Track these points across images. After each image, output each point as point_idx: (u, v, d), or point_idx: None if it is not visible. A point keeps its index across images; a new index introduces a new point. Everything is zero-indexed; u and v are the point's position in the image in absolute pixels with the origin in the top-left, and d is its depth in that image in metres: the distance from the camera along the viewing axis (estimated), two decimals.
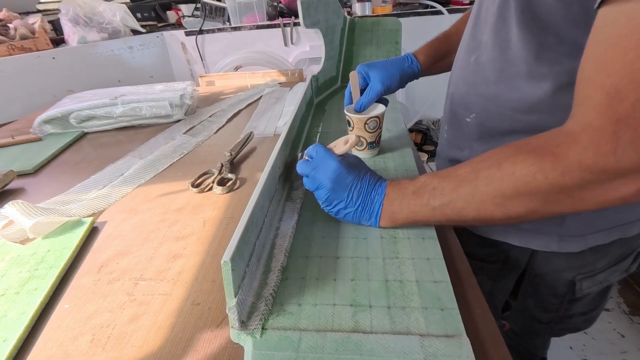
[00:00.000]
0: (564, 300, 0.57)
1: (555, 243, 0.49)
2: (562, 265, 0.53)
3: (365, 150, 0.58)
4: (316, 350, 0.29)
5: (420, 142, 1.75)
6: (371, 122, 0.55)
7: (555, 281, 0.55)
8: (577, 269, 0.53)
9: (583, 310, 0.59)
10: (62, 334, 0.33)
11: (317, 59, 1.65)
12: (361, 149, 0.58)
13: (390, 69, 0.61)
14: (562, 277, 0.54)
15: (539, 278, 0.57)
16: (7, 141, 0.79)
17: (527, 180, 0.32)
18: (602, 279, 0.54)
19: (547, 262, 0.54)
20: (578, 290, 0.54)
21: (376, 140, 0.57)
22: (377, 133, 0.57)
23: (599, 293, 0.57)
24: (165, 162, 0.65)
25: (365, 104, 0.58)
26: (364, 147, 0.58)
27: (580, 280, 0.53)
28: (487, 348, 0.30)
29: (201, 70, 1.77)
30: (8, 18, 1.35)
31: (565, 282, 0.54)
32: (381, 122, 0.56)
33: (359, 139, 0.48)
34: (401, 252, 0.38)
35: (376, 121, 0.55)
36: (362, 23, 0.92)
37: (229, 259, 0.29)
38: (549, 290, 0.57)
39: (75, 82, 1.38)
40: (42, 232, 0.46)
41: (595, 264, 0.52)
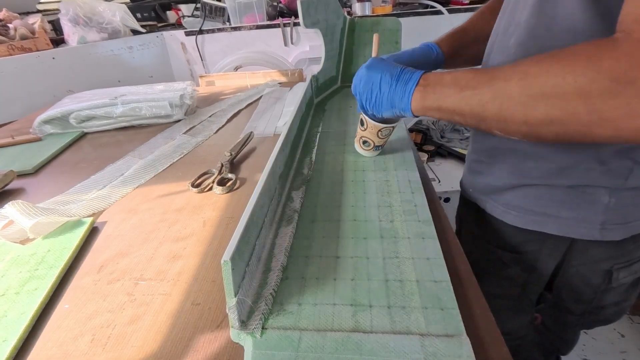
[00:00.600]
0: (598, 291, 0.56)
1: (597, 231, 0.47)
2: (600, 255, 0.51)
3: (371, 150, 0.58)
4: (316, 349, 0.29)
5: (420, 142, 1.75)
6: (385, 130, 0.54)
7: (591, 271, 0.54)
8: (615, 258, 0.51)
9: (616, 300, 0.58)
10: (62, 334, 0.33)
11: (317, 59, 1.65)
12: (368, 148, 0.58)
13: (416, 59, 0.60)
14: (599, 267, 0.53)
15: (575, 269, 0.55)
16: (7, 141, 0.79)
17: (556, 81, 0.31)
18: (637, 269, 0.53)
19: (585, 253, 0.52)
20: (614, 280, 0.53)
21: (382, 144, 0.58)
22: (386, 139, 0.57)
23: (632, 283, 0.56)
24: (165, 162, 0.65)
25: None
26: (371, 147, 0.58)
27: (618, 269, 0.52)
28: (487, 348, 0.30)
29: (201, 70, 1.77)
30: (8, 18, 1.35)
31: (601, 272, 0.53)
32: (393, 130, 0.56)
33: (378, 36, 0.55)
34: (401, 251, 0.38)
35: (390, 130, 0.55)
36: (362, 23, 0.92)
37: (229, 259, 0.29)
38: (584, 281, 0.56)
39: (75, 82, 1.37)
40: (42, 232, 0.46)
41: (633, 252, 0.51)
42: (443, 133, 1.79)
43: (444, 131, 1.79)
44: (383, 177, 0.52)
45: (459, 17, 1.52)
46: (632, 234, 0.48)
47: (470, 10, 1.51)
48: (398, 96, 0.43)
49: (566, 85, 0.30)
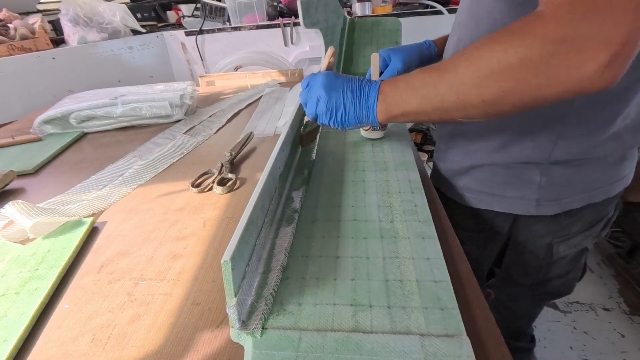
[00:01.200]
0: (542, 264, 0.64)
1: (534, 207, 0.55)
2: (541, 230, 0.59)
3: (370, 130, 0.62)
4: (316, 349, 0.29)
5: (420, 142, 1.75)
6: None
7: (534, 246, 0.62)
8: (553, 233, 0.59)
9: (560, 272, 0.66)
10: (63, 334, 0.34)
11: (317, 59, 1.65)
12: (367, 129, 0.62)
13: (410, 51, 0.66)
14: (541, 242, 0.61)
15: (521, 245, 0.63)
16: (7, 141, 0.79)
17: (500, 56, 0.34)
18: (576, 243, 0.60)
19: (527, 228, 0.60)
20: (555, 252, 0.61)
21: None
22: None
23: (574, 256, 0.63)
24: (165, 162, 0.65)
25: None
26: (369, 127, 0.62)
27: (557, 243, 0.60)
28: (487, 348, 0.30)
29: (201, 70, 1.77)
30: (8, 18, 1.35)
31: (543, 245, 0.61)
32: None
33: (333, 49, 0.54)
34: (401, 251, 0.38)
35: None
36: (362, 23, 0.92)
37: (229, 259, 0.29)
38: (530, 255, 0.63)
39: (75, 82, 1.37)
40: (42, 232, 0.46)
41: (569, 227, 0.58)
42: None
43: None
44: (383, 177, 0.52)
45: None
46: (564, 209, 0.54)
47: None
48: (364, 113, 0.45)
49: (509, 57, 0.33)
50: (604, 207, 0.57)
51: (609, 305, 1.25)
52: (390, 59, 0.66)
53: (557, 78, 0.32)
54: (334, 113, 0.46)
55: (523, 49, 0.32)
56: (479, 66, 0.35)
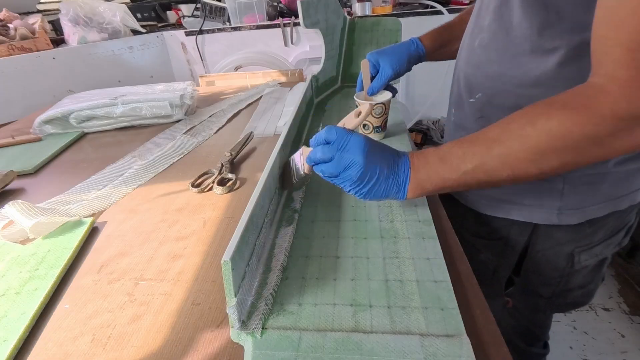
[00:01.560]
0: (563, 274, 0.60)
1: (555, 216, 0.52)
2: (562, 239, 0.56)
3: (372, 133, 0.63)
4: (316, 349, 0.29)
5: (420, 142, 1.75)
6: (377, 108, 0.60)
7: (555, 255, 0.58)
8: (575, 241, 0.55)
9: (581, 283, 0.62)
10: (63, 334, 0.34)
11: (317, 59, 1.65)
12: (367, 132, 0.63)
13: (399, 54, 0.65)
14: (562, 251, 0.57)
15: (541, 253, 0.59)
16: (8, 141, 0.79)
17: (563, 134, 0.33)
18: (598, 252, 0.57)
19: (548, 237, 0.56)
20: (577, 262, 0.57)
21: (382, 124, 0.62)
22: (382, 118, 0.62)
23: (595, 266, 0.60)
24: (166, 162, 0.65)
25: (377, 88, 0.64)
26: (370, 130, 0.62)
27: (579, 252, 0.56)
28: (488, 348, 0.30)
29: (201, 70, 1.77)
30: (8, 18, 1.35)
31: (564, 255, 0.57)
32: (387, 109, 0.61)
33: (371, 107, 0.44)
34: (401, 251, 0.38)
35: (382, 107, 0.60)
36: (362, 23, 0.92)
37: (229, 259, 0.29)
38: (550, 264, 0.59)
39: (75, 82, 1.38)
40: (42, 232, 0.46)
41: (592, 236, 0.55)
42: (443, 133, 1.79)
43: (444, 131, 1.79)
44: None
45: None
46: (587, 218, 0.52)
47: None
48: (394, 190, 0.40)
49: (575, 135, 0.32)
50: (627, 214, 0.54)
51: (609, 305, 1.25)
52: (379, 64, 0.64)
53: (623, 147, 0.33)
54: (364, 184, 0.39)
55: (590, 127, 0.32)
56: (538, 144, 0.34)
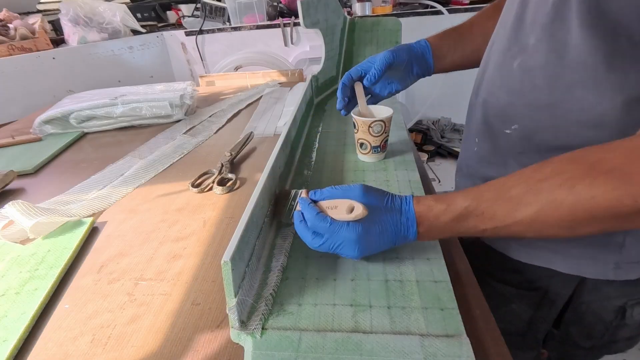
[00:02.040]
0: (610, 327, 0.51)
1: (611, 271, 0.43)
2: (612, 293, 0.47)
3: (370, 154, 0.56)
4: (316, 350, 0.29)
5: (420, 142, 1.75)
6: (375, 126, 0.52)
7: (603, 308, 0.49)
8: (628, 295, 0.47)
9: (629, 335, 0.53)
10: (63, 334, 0.34)
11: (317, 59, 1.65)
12: (365, 152, 0.56)
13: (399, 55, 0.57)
14: (611, 304, 0.48)
15: (585, 305, 0.50)
16: (8, 141, 0.79)
17: (610, 205, 0.28)
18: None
19: (596, 290, 0.47)
20: (628, 317, 0.49)
21: (381, 144, 0.55)
22: (381, 137, 0.54)
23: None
24: (166, 162, 0.65)
25: (377, 74, 0.54)
26: (368, 150, 0.55)
27: (632, 306, 0.48)
28: (487, 348, 0.30)
29: (201, 70, 1.77)
30: (8, 18, 1.35)
31: (614, 308, 0.49)
32: (387, 127, 0.54)
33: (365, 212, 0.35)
34: (401, 252, 0.38)
35: (381, 125, 0.53)
36: (362, 23, 0.92)
37: (229, 259, 0.29)
38: (595, 317, 0.51)
39: (75, 82, 1.38)
40: (42, 232, 0.46)
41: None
42: (443, 133, 1.79)
43: (444, 131, 1.79)
44: (383, 177, 0.52)
45: (459, 17, 1.52)
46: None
47: (471, 10, 1.51)
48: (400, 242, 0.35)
49: (624, 207, 0.27)
50: None
51: None
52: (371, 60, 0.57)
53: None
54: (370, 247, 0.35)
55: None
56: (575, 212, 0.29)
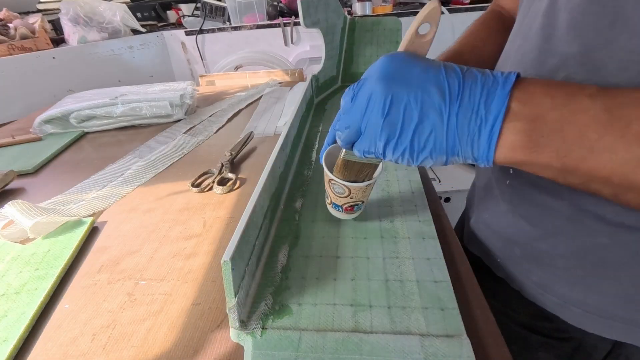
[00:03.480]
0: None
1: None
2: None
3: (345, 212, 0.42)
4: (316, 350, 0.29)
5: None
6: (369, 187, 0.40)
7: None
8: None
9: None
10: (63, 334, 0.34)
11: (317, 58, 1.65)
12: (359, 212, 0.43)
13: None
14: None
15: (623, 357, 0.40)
16: (8, 141, 0.79)
17: None
18: None
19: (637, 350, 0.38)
20: None
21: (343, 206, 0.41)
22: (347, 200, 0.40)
23: None
24: (166, 162, 0.65)
25: None
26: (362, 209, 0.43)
27: None
28: (488, 348, 0.30)
29: (201, 69, 1.77)
30: (8, 18, 1.35)
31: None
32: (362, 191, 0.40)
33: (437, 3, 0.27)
34: (401, 251, 0.38)
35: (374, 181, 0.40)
36: (362, 23, 0.92)
37: (229, 259, 0.29)
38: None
39: (75, 82, 1.38)
40: (42, 232, 0.46)
41: None
42: None
43: None
44: (383, 176, 0.52)
45: (458, 17, 1.52)
46: None
47: (471, 10, 1.51)
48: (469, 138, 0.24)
49: None
50: None
51: None
52: None
53: None
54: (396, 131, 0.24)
55: None
56: None
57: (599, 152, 0.21)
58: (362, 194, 0.40)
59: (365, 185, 0.39)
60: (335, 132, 0.33)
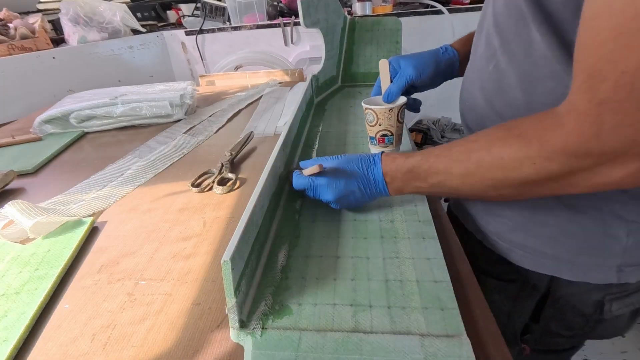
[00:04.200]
0: (589, 320, 0.51)
1: (614, 274, 0.43)
2: (588, 286, 0.46)
3: (393, 145, 0.53)
4: (316, 350, 0.29)
5: (420, 142, 1.75)
6: (403, 110, 0.51)
7: (581, 302, 0.49)
8: (605, 289, 0.46)
9: (609, 331, 0.53)
10: (63, 334, 0.34)
11: (317, 58, 1.65)
12: (389, 145, 0.53)
13: (423, 56, 0.57)
14: (589, 298, 0.48)
15: (564, 300, 0.50)
16: (8, 141, 0.79)
17: (515, 166, 0.32)
18: (635, 300, 0.47)
19: (573, 284, 0.46)
20: (607, 311, 0.48)
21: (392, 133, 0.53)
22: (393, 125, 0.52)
23: (628, 317, 0.50)
24: (166, 162, 0.65)
25: (395, 92, 0.54)
26: (393, 142, 0.53)
27: (610, 301, 0.47)
28: (488, 348, 0.30)
29: (201, 69, 1.77)
30: (8, 18, 1.35)
31: (592, 302, 0.48)
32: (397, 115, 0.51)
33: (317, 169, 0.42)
34: (401, 251, 0.38)
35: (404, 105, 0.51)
36: (362, 23, 0.92)
37: (228, 259, 0.29)
38: (574, 311, 0.50)
39: (75, 82, 1.38)
40: (42, 232, 0.46)
41: (625, 284, 0.45)
42: (443, 133, 1.79)
43: (444, 131, 1.79)
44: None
45: (459, 16, 1.52)
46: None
47: (471, 10, 1.51)
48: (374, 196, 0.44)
49: (526, 169, 0.31)
50: None
51: None
52: (399, 65, 0.56)
53: (582, 184, 0.30)
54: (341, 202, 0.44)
55: (541, 161, 0.30)
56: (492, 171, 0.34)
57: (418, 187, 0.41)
58: (387, 121, 0.51)
59: (387, 109, 0.50)
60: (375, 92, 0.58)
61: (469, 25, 1.51)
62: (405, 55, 0.57)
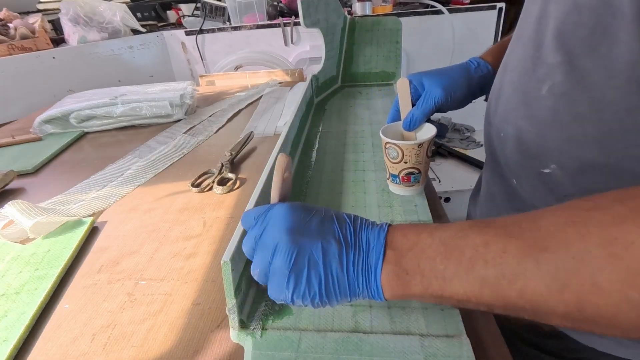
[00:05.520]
0: None
1: None
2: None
3: (419, 184, 0.44)
4: (316, 350, 0.29)
5: None
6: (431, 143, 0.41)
7: None
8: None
9: None
10: (63, 334, 0.34)
11: (317, 58, 1.65)
12: (415, 184, 0.44)
13: (452, 73, 0.47)
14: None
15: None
16: (8, 141, 0.79)
17: None
18: None
19: None
20: None
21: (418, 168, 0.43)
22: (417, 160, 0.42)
23: None
24: (166, 162, 0.65)
25: (419, 118, 0.44)
26: (420, 181, 0.43)
27: None
28: (488, 348, 0.30)
29: (201, 69, 1.77)
30: (8, 18, 1.35)
31: None
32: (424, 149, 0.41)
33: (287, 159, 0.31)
34: None
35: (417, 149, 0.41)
36: (362, 22, 0.92)
37: (228, 259, 0.29)
38: None
39: (75, 82, 1.37)
40: (42, 232, 0.46)
41: None
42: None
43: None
44: (383, 176, 0.52)
45: (459, 16, 1.52)
46: None
47: (471, 10, 1.51)
48: (359, 282, 0.25)
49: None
50: None
51: None
52: (423, 85, 0.46)
53: None
54: (303, 280, 0.25)
55: None
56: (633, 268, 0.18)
57: (450, 280, 0.23)
58: (415, 157, 0.41)
59: (416, 144, 0.40)
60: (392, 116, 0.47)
61: (469, 26, 1.51)
62: (430, 72, 0.47)
